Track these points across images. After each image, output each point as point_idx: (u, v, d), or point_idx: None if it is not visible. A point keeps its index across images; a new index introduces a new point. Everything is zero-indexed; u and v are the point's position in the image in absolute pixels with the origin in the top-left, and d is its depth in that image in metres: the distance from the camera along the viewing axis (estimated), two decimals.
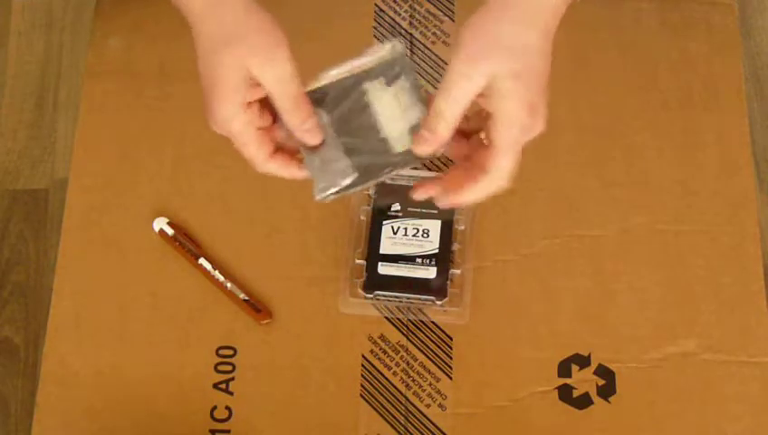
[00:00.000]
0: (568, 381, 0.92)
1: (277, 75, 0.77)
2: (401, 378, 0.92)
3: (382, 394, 0.92)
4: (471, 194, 0.78)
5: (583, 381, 0.92)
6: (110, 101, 1.03)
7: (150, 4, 1.05)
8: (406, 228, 0.95)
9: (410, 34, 1.05)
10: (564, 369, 0.92)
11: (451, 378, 0.92)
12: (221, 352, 0.93)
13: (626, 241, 0.96)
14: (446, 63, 1.04)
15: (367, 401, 0.92)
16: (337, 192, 0.80)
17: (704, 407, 0.91)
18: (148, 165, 1.00)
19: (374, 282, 0.93)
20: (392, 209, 0.95)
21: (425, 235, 0.94)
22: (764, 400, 0.91)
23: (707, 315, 0.94)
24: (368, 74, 0.80)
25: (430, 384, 0.92)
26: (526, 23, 0.76)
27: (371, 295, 0.93)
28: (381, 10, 1.06)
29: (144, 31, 1.03)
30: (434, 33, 1.05)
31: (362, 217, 0.96)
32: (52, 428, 0.91)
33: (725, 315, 0.94)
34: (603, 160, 0.99)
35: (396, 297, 0.93)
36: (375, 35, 1.05)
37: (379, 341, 0.93)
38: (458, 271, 0.94)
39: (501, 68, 0.74)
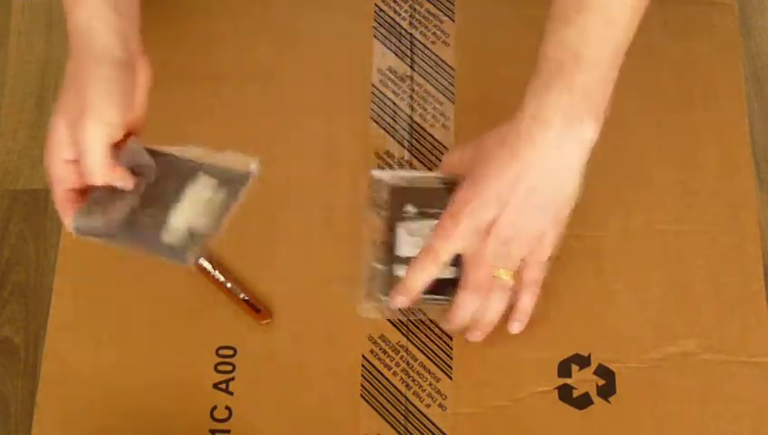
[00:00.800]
0: (568, 381, 0.92)
1: (88, 136, 0.81)
2: (401, 378, 0.92)
3: (382, 394, 0.92)
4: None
5: (583, 381, 0.92)
6: None
7: (149, 5, 1.05)
8: (423, 230, 0.94)
9: (410, 34, 1.05)
10: (564, 369, 0.92)
11: (451, 378, 0.92)
12: (221, 352, 0.93)
13: (626, 241, 0.96)
14: (445, 63, 1.04)
15: (367, 401, 0.92)
16: (88, 232, 0.84)
17: (704, 407, 0.91)
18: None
19: (392, 285, 0.93)
20: (407, 211, 0.95)
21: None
22: (764, 400, 0.91)
23: (707, 315, 0.94)
24: (211, 168, 0.84)
25: (430, 384, 0.92)
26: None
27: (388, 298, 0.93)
28: (381, 10, 1.06)
29: (143, 32, 1.03)
30: (434, 34, 1.05)
31: (378, 221, 0.96)
32: (52, 428, 0.91)
33: (725, 315, 0.94)
34: (603, 160, 0.99)
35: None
36: (375, 35, 1.05)
37: (379, 341, 0.93)
38: None
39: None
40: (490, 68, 1.03)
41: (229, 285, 0.94)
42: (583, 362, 0.92)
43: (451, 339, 0.93)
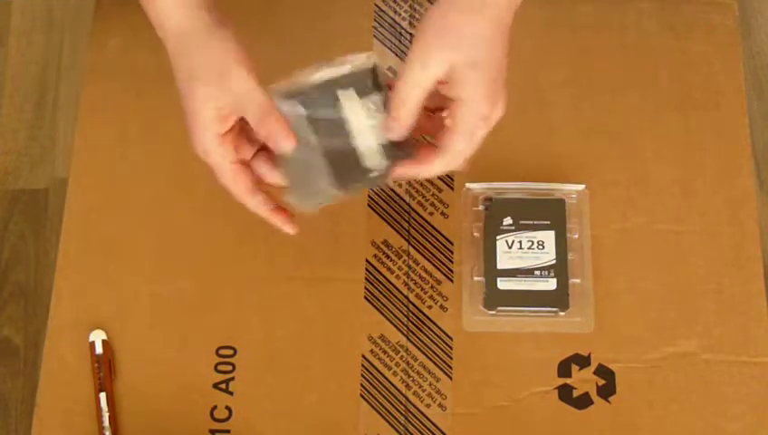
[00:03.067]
0: (568, 381, 0.92)
1: (238, 94, 0.80)
2: (401, 378, 0.92)
3: (382, 394, 0.92)
4: (428, 170, 0.82)
5: (583, 381, 0.92)
6: (110, 101, 1.03)
7: None
8: (520, 241, 0.94)
9: (410, 34, 1.05)
10: (564, 369, 0.92)
11: (451, 378, 0.92)
12: (221, 352, 0.93)
13: (626, 241, 0.96)
14: None
15: (367, 401, 0.92)
16: (319, 203, 0.82)
17: (704, 407, 0.91)
18: (148, 165, 1.00)
19: (495, 298, 0.93)
20: (504, 223, 0.95)
21: (540, 246, 0.94)
22: (764, 400, 0.91)
23: (707, 315, 0.94)
24: (338, 82, 0.81)
25: (430, 384, 0.92)
26: (474, 12, 0.79)
27: (494, 312, 0.93)
28: (381, 10, 1.06)
29: (144, 31, 1.03)
30: None
31: (476, 234, 0.96)
32: (52, 428, 0.91)
33: (725, 315, 0.94)
34: (603, 160, 0.99)
35: (518, 311, 0.93)
36: (375, 35, 1.05)
37: (379, 341, 0.94)
38: (578, 280, 0.94)
39: (456, 57, 0.78)
40: None
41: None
42: (583, 362, 0.92)
43: (451, 339, 0.93)
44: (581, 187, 0.97)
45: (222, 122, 0.81)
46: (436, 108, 0.82)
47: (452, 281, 0.95)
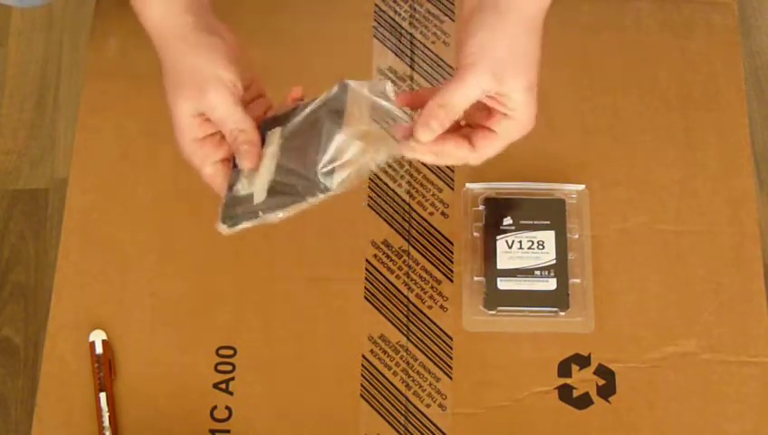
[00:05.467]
0: (568, 381, 0.92)
1: (215, 110, 0.81)
2: (401, 378, 0.92)
3: (382, 394, 0.92)
4: (448, 160, 0.81)
5: (583, 381, 0.92)
6: (110, 101, 1.03)
7: None
8: (520, 241, 0.94)
9: (410, 34, 1.05)
10: (564, 369, 0.92)
11: (451, 378, 0.92)
12: (221, 352, 0.93)
13: (626, 241, 0.96)
14: (445, 63, 1.04)
15: (367, 401, 0.92)
16: (245, 222, 0.81)
17: (704, 407, 0.91)
18: (149, 165, 1.00)
19: (495, 298, 0.93)
20: (504, 223, 0.95)
21: (540, 246, 0.94)
22: (764, 400, 0.91)
23: (707, 315, 0.94)
24: (315, 113, 0.82)
25: (430, 384, 0.92)
26: (530, 30, 0.79)
27: (494, 312, 0.93)
28: (381, 10, 1.06)
29: (144, 31, 1.03)
30: (434, 33, 1.05)
31: (476, 234, 0.96)
32: (52, 428, 0.91)
33: (725, 315, 0.94)
34: (603, 160, 0.99)
35: (518, 311, 0.93)
36: (375, 35, 1.05)
37: (379, 341, 0.94)
38: (578, 280, 0.94)
39: (517, 82, 0.77)
40: None
41: None
42: (583, 362, 0.92)
43: (451, 339, 0.93)
44: (581, 187, 0.97)
45: (200, 128, 0.82)
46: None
47: (452, 281, 0.95)
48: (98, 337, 0.93)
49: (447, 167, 0.99)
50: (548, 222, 0.95)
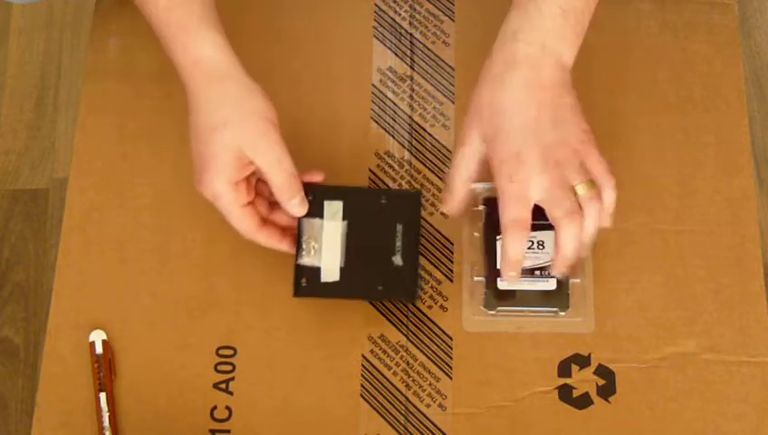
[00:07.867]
0: (568, 381, 0.92)
1: (270, 157, 0.86)
2: (401, 378, 0.92)
3: (382, 394, 0.92)
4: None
5: (583, 381, 0.92)
6: (110, 101, 1.03)
7: None
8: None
9: (410, 34, 1.05)
10: (564, 369, 0.92)
11: (451, 378, 0.92)
12: (221, 352, 0.93)
13: (626, 241, 0.96)
14: (445, 63, 1.04)
15: (367, 401, 0.92)
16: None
17: (704, 407, 0.91)
18: (149, 165, 1.00)
19: (495, 298, 0.93)
20: None
21: (540, 246, 0.94)
22: (764, 400, 0.91)
23: (707, 315, 0.94)
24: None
25: (430, 384, 0.92)
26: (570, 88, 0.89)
27: (494, 312, 0.93)
28: (381, 10, 1.06)
29: (144, 31, 1.03)
30: (434, 34, 1.05)
31: (476, 234, 0.96)
32: (52, 428, 0.91)
33: (725, 315, 0.94)
34: None
35: (518, 312, 0.93)
36: (375, 35, 1.05)
37: (379, 341, 0.94)
38: (577, 280, 0.94)
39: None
40: None
41: None
42: (583, 362, 0.92)
43: (451, 339, 0.93)
44: None
45: (240, 170, 0.85)
46: None
47: (452, 281, 0.95)
48: (98, 337, 0.93)
49: (446, 166, 0.99)
50: (548, 222, 0.95)
